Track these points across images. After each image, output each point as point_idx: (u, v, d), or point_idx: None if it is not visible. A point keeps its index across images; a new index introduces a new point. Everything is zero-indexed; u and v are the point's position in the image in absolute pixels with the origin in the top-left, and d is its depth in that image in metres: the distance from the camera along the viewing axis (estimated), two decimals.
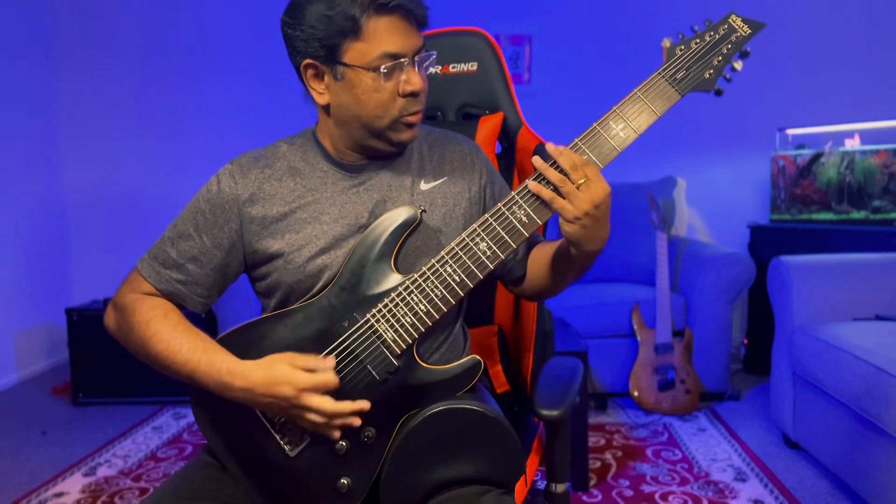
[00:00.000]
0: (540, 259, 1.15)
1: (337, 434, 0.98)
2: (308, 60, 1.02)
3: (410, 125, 1.05)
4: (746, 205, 3.68)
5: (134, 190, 3.88)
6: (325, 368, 0.97)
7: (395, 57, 0.99)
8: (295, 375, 0.95)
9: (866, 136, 3.20)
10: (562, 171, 0.96)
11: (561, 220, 0.98)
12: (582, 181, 0.95)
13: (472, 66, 1.47)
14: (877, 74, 3.53)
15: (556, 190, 0.96)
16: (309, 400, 0.94)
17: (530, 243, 1.19)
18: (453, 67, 1.47)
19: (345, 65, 0.99)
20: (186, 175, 3.82)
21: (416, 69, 1.02)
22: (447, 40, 1.47)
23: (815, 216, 3.24)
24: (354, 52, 0.98)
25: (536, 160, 0.98)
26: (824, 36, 3.57)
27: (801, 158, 3.26)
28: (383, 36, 0.98)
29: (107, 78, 3.83)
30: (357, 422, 0.98)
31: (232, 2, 3.80)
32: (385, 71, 0.99)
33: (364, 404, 0.97)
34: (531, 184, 0.98)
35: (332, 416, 0.95)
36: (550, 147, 0.97)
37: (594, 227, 0.97)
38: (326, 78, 1.03)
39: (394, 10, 0.97)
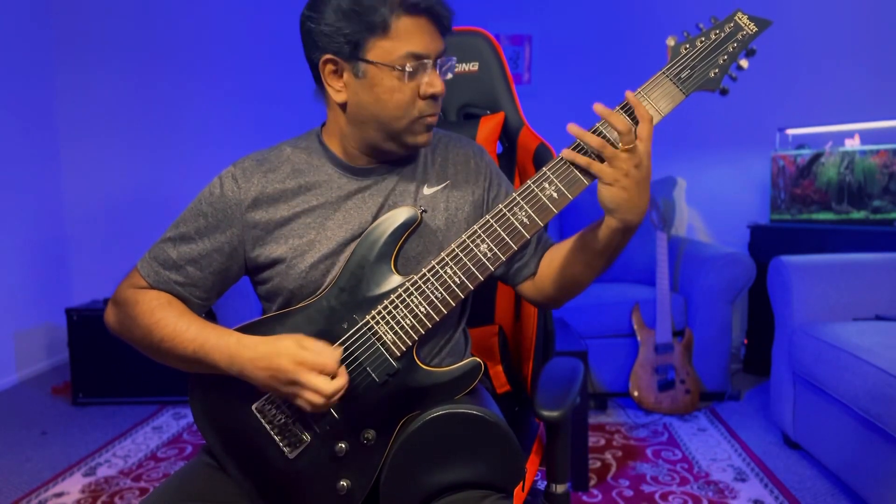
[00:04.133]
0: (558, 257, 1.11)
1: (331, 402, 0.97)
2: (328, 56, 1.00)
3: (428, 127, 1.05)
4: (746, 205, 3.68)
5: (133, 190, 3.89)
6: (329, 353, 0.96)
7: (419, 58, 0.98)
8: (297, 351, 0.95)
9: (866, 136, 3.20)
10: (603, 137, 0.94)
11: (600, 185, 0.94)
12: (630, 146, 0.92)
13: (473, 66, 1.46)
14: (877, 74, 3.53)
15: (596, 156, 0.94)
16: (306, 377, 0.93)
17: (543, 247, 1.16)
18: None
19: (368, 62, 0.98)
20: (185, 175, 3.83)
21: (438, 72, 1.02)
22: (448, 40, 1.46)
23: (815, 216, 3.23)
24: (379, 50, 0.98)
25: (572, 126, 0.94)
26: (825, 35, 3.56)
27: (801, 158, 3.26)
28: (410, 36, 0.97)
29: (107, 81, 3.83)
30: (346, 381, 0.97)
31: (230, 14, 3.80)
32: (410, 70, 0.98)
33: (344, 379, 0.96)
34: (566, 152, 0.96)
35: (327, 395, 0.94)
36: (600, 108, 0.93)
37: (636, 189, 0.93)
38: (346, 75, 1.01)
39: (423, 12, 0.97)
